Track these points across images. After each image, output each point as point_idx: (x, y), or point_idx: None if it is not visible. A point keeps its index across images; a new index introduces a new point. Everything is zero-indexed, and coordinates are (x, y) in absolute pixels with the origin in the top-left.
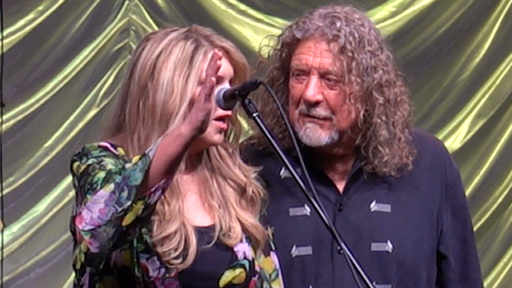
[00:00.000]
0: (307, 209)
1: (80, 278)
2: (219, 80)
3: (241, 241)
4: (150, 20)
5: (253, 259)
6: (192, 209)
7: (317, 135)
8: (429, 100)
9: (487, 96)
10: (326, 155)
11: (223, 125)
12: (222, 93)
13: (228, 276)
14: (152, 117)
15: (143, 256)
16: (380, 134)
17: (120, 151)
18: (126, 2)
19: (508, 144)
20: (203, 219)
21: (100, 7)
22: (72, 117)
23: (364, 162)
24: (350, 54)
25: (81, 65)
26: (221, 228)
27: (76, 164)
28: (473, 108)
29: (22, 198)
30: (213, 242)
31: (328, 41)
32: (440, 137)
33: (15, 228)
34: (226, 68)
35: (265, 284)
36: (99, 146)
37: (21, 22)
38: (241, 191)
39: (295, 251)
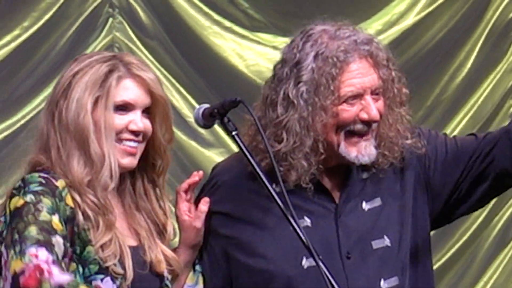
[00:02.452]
0: (307, 221)
1: None
2: (130, 107)
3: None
4: (134, 37)
5: (171, 285)
6: (122, 232)
7: (372, 150)
8: (413, 119)
9: (469, 115)
10: (326, 169)
11: (130, 148)
12: (201, 111)
13: None
14: (68, 134)
15: (98, 278)
16: (400, 130)
17: (60, 184)
18: (110, 20)
19: None
20: (129, 240)
21: (85, 24)
22: None
23: (360, 168)
24: (385, 63)
25: None
26: (150, 255)
27: (12, 198)
28: (455, 127)
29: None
30: (148, 264)
31: (369, 57)
32: None
33: None
34: (138, 96)
35: None
36: (40, 177)
37: (7, 38)
38: (159, 229)
39: (306, 263)
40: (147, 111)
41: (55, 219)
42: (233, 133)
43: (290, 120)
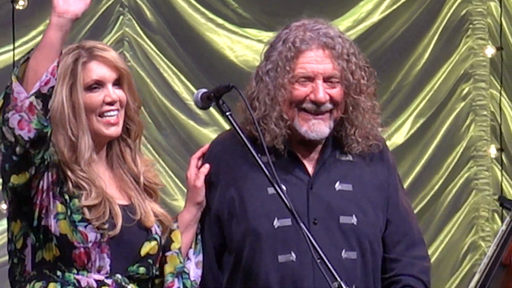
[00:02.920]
0: (283, 188)
1: (23, 252)
2: (101, 83)
3: (154, 223)
4: (141, 32)
5: (160, 237)
6: (114, 194)
7: (322, 129)
8: (379, 102)
9: (426, 99)
10: (302, 144)
11: (111, 119)
12: (199, 95)
13: (146, 247)
14: (55, 123)
15: (81, 225)
16: (368, 120)
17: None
18: (121, 17)
19: (444, 139)
20: (121, 200)
21: (99, 21)
22: None
23: (334, 148)
24: (346, 57)
25: None
26: (140, 211)
27: None
28: (415, 109)
29: None
30: (137, 219)
31: (327, 49)
32: (386, 133)
33: None
34: (104, 73)
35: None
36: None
37: (33, 33)
38: (136, 182)
39: (277, 223)
40: (117, 84)
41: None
42: (227, 113)
43: (260, 92)
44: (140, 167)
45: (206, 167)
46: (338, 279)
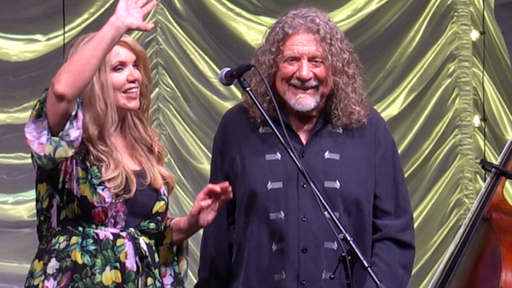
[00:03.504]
0: (278, 155)
1: (49, 210)
2: (123, 64)
3: (162, 185)
4: (172, 20)
5: (167, 197)
6: (128, 162)
7: (307, 102)
8: (376, 79)
9: (417, 76)
10: (297, 117)
11: (133, 95)
12: (224, 73)
13: (157, 205)
14: (84, 101)
15: (99, 188)
16: (351, 97)
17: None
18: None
19: (432, 111)
20: (134, 166)
21: None
22: None
23: (326, 121)
24: (328, 41)
25: None
26: (150, 175)
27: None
28: (407, 85)
29: None
30: (148, 183)
31: (311, 33)
32: (382, 106)
33: None
34: (127, 55)
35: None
36: None
37: (78, 21)
38: (150, 150)
39: (270, 185)
40: (135, 64)
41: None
42: (247, 89)
43: (260, 67)
44: (152, 136)
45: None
46: (343, 230)
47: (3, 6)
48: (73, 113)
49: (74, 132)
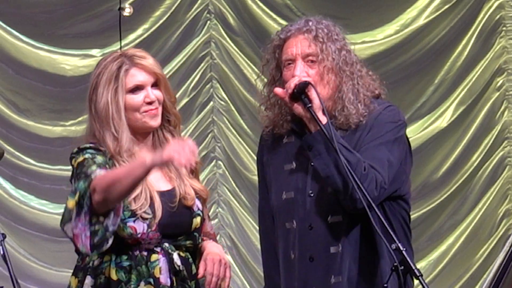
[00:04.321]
0: (293, 164)
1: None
2: (140, 87)
3: (195, 199)
4: (225, 35)
5: (202, 211)
6: (156, 179)
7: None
8: (425, 92)
9: (466, 89)
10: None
11: (152, 113)
12: (289, 92)
13: (194, 222)
14: (100, 120)
15: (130, 220)
16: (348, 97)
17: (102, 148)
18: (208, 22)
19: (481, 124)
20: (165, 186)
21: (189, 25)
22: None
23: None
24: (321, 40)
25: (176, 67)
26: (180, 193)
27: (74, 159)
28: (456, 98)
29: None
30: (177, 202)
31: (303, 33)
32: (431, 119)
33: None
34: (144, 78)
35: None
36: (91, 147)
37: (133, 36)
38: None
39: (284, 195)
40: (155, 85)
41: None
42: (308, 105)
43: (272, 84)
44: None
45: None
46: (396, 240)
47: (59, 22)
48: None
49: (114, 220)
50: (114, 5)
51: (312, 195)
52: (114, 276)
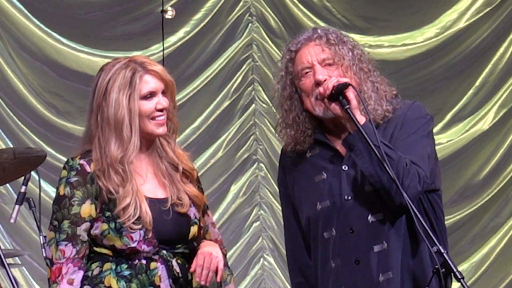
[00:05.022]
0: (324, 175)
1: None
2: (153, 94)
3: (190, 206)
4: (266, 37)
5: (199, 218)
6: (152, 186)
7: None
8: (466, 94)
9: (508, 92)
10: (335, 131)
11: (161, 121)
12: (327, 93)
13: (192, 231)
14: (108, 126)
15: (125, 230)
16: (369, 95)
17: (92, 167)
18: (250, 25)
19: None
20: (160, 193)
21: (231, 28)
22: (211, 106)
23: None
24: (333, 42)
25: (218, 69)
26: (173, 199)
27: (60, 186)
28: (498, 100)
29: None
30: (171, 212)
31: (314, 40)
32: (473, 121)
33: None
34: (157, 84)
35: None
36: (78, 164)
37: (173, 39)
38: (176, 169)
39: (319, 206)
40: (164, 92)
41: (84, 206)
42: (346, 107)
43: (281, 98)
44: (180, 156)
45: None
46: (437, 243)
47: (100, 24)
48: None
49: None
50: (155, 7)
51: (348, 198)
52: (114, 286)
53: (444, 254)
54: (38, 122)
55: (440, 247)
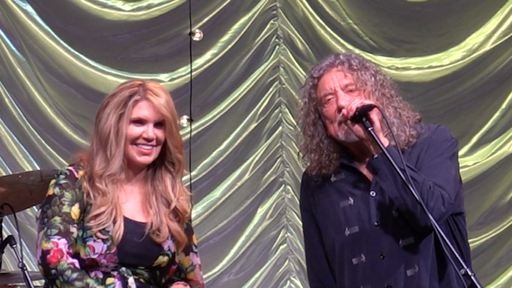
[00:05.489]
0: (350, 200)
1: None
2: (143, 121)
3: (167, 238)
4: (293, 59)
5: (174, 253)
6: (134, 209)
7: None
8: (493, 117)
9: None
10: (359, 155)
11: (144, 150)
12: (350, 115)
13: (159, 259)
14: (98, 139)
15: (91, 240)
16: (392, 121)
17: (80, 175)
18: (277, 47)
19: None
20: (139, 217)
21: (258, 50)
22: (238, 129)
23: None
24: (355, 68)
25: (245, 92)
26: (151, 227)
27: (49, 187)
28: None
29: (204, 186)
30: (145, 235)
31: (337, 66)
32: (499, 144)
33: (199, 208)
34: (149, 113)
35: (182, 274)
36: (67, 169)
37: (201, 61)
38: (168, 204)
39: (347, 231)
40: (159, 124)
41: (74, 208)
42: (369, 128)
43: (305, 124)
44: (177, 194)
45: None
46: (464, 265)
47: (127, 46)
48: None
49: None
50: (183, 29)
51: (378, 224)
52: None
53: (472, 277)
54: (65, 144)
55: (468, 270)
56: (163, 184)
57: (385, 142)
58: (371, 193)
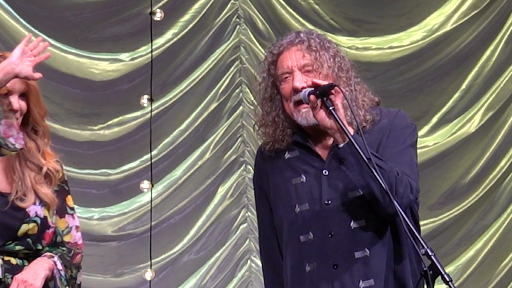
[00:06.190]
0: (303, 177)
1: None
2: (10, 92)
3: (34, 203)
4: (254, 39)
5: (45, 217)
6: None
7: (310, 115)
8: (453, 97)
9: (494, 95)
10: (314, 135)
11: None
12: (307, 93)
13: (23, 228)
14: None
15: None
16: (347, 102)
17: None
18: (237, 27)
19: (510, 129)
20: (4, 187)
21: (219, 30)
22: (199, 108)
23: None
24: (314, 49)
25: (206, 71)
26: (16, 194)
27: None
28: (484, 103)
29: (165, 165)
30: (9, 204)
31: (296, 45)
32: (459, 124)
33: (160, 187)
34: (17, 85)
35: (58, 237)
36: None
37: (162, 41)
38: (39, 170)
39: (297, 209)
40: (23, 95)
41: None
42: (330, 108)
43: (262, 98)
44: (47, 158)
45: None
46: (425, 246)
47: (88, 26)
48: None
49: None
50: (143, 9)
51: (329, 203)
52: None
53: (432, 257)
54: None
55: (428, 250)
56: (30, 151)
57: (350, 130)
58: (323, 172)
